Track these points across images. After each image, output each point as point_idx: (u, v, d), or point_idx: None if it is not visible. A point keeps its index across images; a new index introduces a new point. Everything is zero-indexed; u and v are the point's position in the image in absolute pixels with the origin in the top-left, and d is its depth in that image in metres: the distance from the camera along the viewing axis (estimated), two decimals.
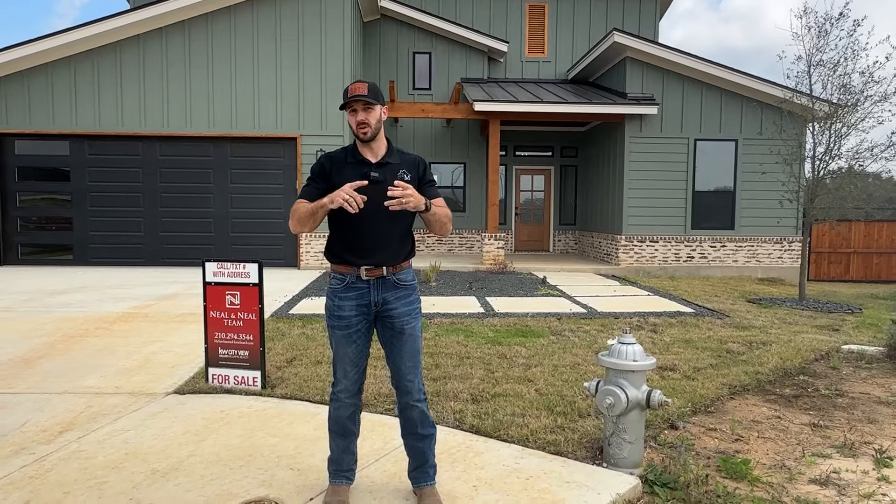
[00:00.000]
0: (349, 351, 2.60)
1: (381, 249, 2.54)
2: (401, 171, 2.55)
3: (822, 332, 6.65)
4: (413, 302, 2.63)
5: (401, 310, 2.58)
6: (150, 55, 11.32)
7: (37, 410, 3.84)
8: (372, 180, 2.48)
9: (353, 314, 2.57)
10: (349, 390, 2.65)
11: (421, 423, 2.65)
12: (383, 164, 2.55)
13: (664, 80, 12.37)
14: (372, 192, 2.44)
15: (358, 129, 2.51)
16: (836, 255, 14.60)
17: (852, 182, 9.20)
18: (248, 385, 4.27)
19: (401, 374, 2.62)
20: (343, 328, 2.58)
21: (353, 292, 2.57)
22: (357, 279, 2.56)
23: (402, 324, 2.58)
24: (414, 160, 2.64)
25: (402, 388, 2.63)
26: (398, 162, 2.59)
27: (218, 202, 11.68)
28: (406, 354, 2.60)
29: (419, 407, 2.64)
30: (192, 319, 6.58)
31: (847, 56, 8.76)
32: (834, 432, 3.71)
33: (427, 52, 14.80)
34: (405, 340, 2.59)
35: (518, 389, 4.28)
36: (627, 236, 12.41)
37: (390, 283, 2.57)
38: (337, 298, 2.60)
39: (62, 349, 5.32)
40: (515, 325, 6.61)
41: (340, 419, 2.67)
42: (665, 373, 4.82)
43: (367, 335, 2.63)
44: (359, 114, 2.50)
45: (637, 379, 3.07)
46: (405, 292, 2.60)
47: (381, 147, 2.58)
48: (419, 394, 2.64)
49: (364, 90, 2.48)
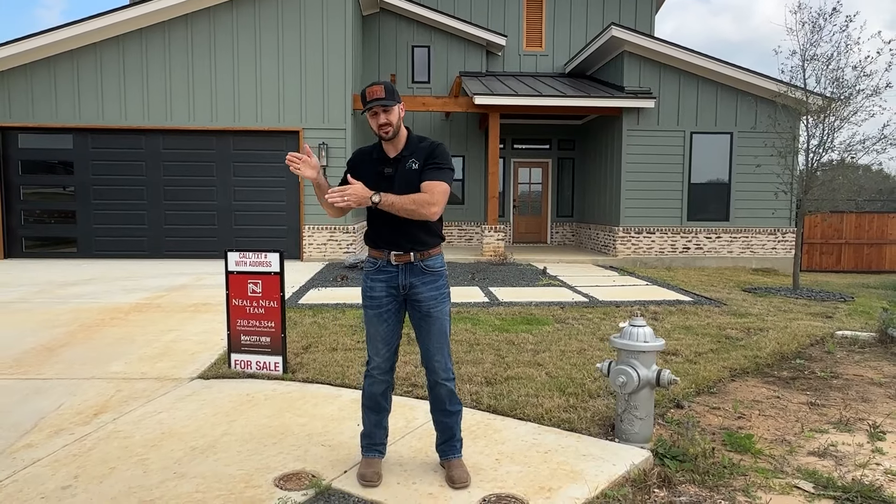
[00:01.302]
0: (381, 329, 2.79)
1: (403, 238, 2.72)
2: (410, 161, 2.71)
3: (817, 319, 6.88)
4: (440, 287, 2.80)
5: (426, 294, 2.75)
6: (153, 49, 11.39)
7: (69, 395, 3.99)
8: (385, 175, 2.70)
9: (384, 295, 2.76)
10: (381, 367, 2.83)
11: (449, 400, 2.84)
12: (398, 159, 2.73)
13: (661, 73, 12.56)
14: (387, 187, 2.65)
15: (380, 131, 2.68)
16: (828, 246, 14.89)
17: (843, 174, 9.44)
18: (270, 370, 4.43)
19: (429, 353, 2.80)
20: (374, 307, 2.78)
21: (383, 275, 2.77)
22: (387, 263, 2.75)
23: (428, 307, 2.75)
24: (426, 147, 2.76)
25: (430, 368, 2.81)
26: (409, 153, 2.74)
27: (221, 195, 11.79)
28: (433, 336, 2.78)
29: (447, 385, 2.82)
30: (204, 309, 6.73)
31: (840, 50, 8.98)
32: (830, 410, 3.93)
33: (426, 46, 14.91)
34: (432, 323, 2.77)
35: (529, 373, 4.47)
36: (625, 228, 12.62)
37: (418, 269, 2.75)
38: (369, 280, 2.80)
39: (83, 338, 5.47)
40: (520, 313, 6.80)
41: (374, 395, 2.85)
42: (668, 357, 5.02)
43: (397, 316, 2.81)
44: (380, 116, 2.66)
45: (647, 359, 3.26)
46: (432, 278, 2.77)
47: (401, 142, 2.75)
48: (446, 373, 2.82)
49: (382, 93, 2.63)
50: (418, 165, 2.70)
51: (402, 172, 2.70)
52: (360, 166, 2.78)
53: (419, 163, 2.71)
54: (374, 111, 2.65)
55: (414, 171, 2.69)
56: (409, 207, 2.58)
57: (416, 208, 2.59)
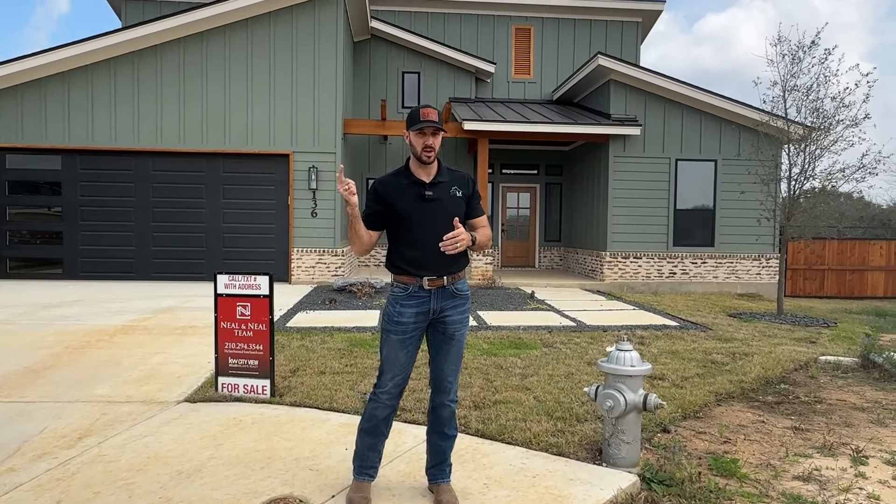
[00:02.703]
0: (401, 355, 2.77)
1: (439, 262, 2.73)
2: (453, 189, 2.78)
3: (801, 345, 6.96)
4: (466, 311, 2.85)
5: (455, 317, 2.79)
6: (145, 72, 11.46)
7: (53, 418, 3.95)
8: (427, 199, 2.73)
9: (412, 321, 2.75)
10: (391, 392, 2.81)
11: (449, 423, 2.87)
12: (436, 184, 2.77)
13: (646, 101, 12.82)
14: (428, 210, 2.72)
15: (423, 152, 2.71)
16: (812, 272, 15.09)
17: (825, 201, 9.64)
18: (257, 393, 4.41)
19: (443, 374, 2.82)
20: (400, 333, 2.75)
21: (415, 300, 2.75)
22: (420, 289, 2.75)
23: (453, 330, 2.79)
24: (463, 177, 2.86)
25: (442, 388, 2.83)
26: (448, 180, 2.80)
27: (210, 217, 11.78)
28: (451, 358, 2.82)
29: (451, 407, 2.85)
30: (191, 332, 6.69)
31: (819, 82, 9.24)
32: (814, 435, 3.97)
33: (416, 72, 15.13)
34: (453, 345, 2.81)
35: (517, 397, 4.49)
36: (612, 253, 12.75)
37: (449, 293, 2.78)
38: (399, 305, 2.77)
39: (68, 360, 5.41)
40: (508, 337, 6.83)
41: (375, 419, 2.83)
42: (655, 381, 5.06)
43: (418, 342, 2.82)
44: (428, 138, 2.70)
45: (634, 383, 3.30)
46: (461, 300, 2.82)
47: (434, 168, 2.80)
48: (454, 395, 2.86)
49: (436, 116, 2.70)
50: (462, 194, 2.80)
51: (446, 198, 2.75)
52: (393, 193, 2.76)
53: (462, 192, 2.80)
54: (423, 131, 2.69)
55: (458, 199, 2.77)
56: (484, 245, 2.81)
57: (487, 243, 2.84)
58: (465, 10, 15.78)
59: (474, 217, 2.87)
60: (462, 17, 15.81)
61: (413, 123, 2.70)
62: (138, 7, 14.63)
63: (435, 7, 15.69)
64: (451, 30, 15.76)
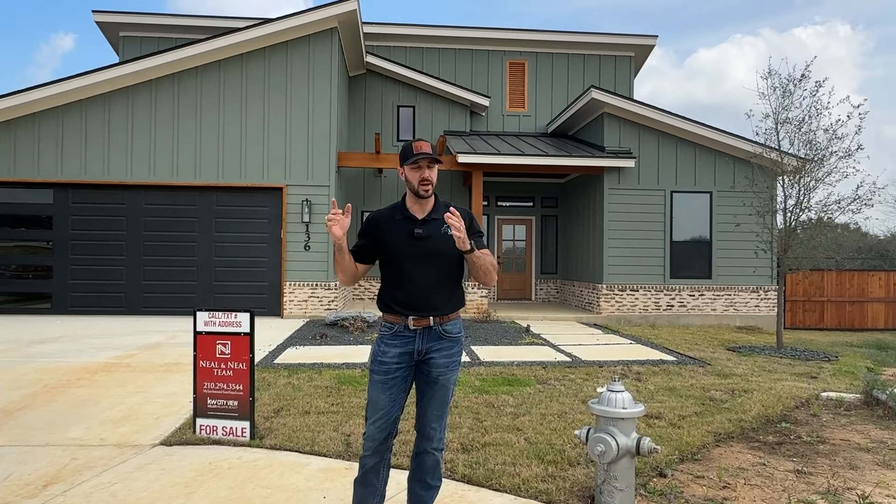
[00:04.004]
0: (383, 398, 2.62)
1: (427, 301, 2.61)
2: (444, 227, 2.59)
3: (801, 380, 6.79)
4: (454, 354, 2.69)
5: (440, 360, 2.64)
6: (139, 106, 11.50)
7: (20, 463, 3.76)
8: (416, 237, 2.62)
9: (395, 362, 2.62)
10: (374, 438, 2.64)
11: (432, 472, 2.70)
12: (428, 221, 2.65)
13: (640, 134, 12.85)
14: (417, 248, 2.60)
15: (420, 186, 2.61)
16: (811, 304, 14.94)
17: (822, 233, 9.56)
18: (236, 436, 4.23)
19: (426, 420, 2.67)
20: (381, 373, 2.63)
21: (399, 340, 2.63)
22: (405, 328, 2.63)
23: (437, 374, 2.64)
24: (461, 214, 2.67)
25: (425, 434, 2.68)
26: (442, 216, 2.64)
27: (202, 251, 11.67)
28: (435, 403, 2.66)
29: (435, 455, 2.69)
30: (176, 369, 6.51)
31: (811, 114, 9.24)
32: (818, 479, 3.79)
33: (411, 106, 15.22)
34: (437, 390, 2.65)
35: (507, 438, 4.31)
36: (608, 285, 12.61)
37: (436, 334, 2.64)
38: (383, 345, 2.66)
39: (44, 400, 5.23)
40: (502, 373, 6.65)
41: (364, 468, 2.67)
42: (651, 421, 4.88)
43: (403, 385, 2.66)
44: (424, 171, 2.60)
45: (627, 426, 3.13)
46: (449, 343, 2.66)
47: (430, 204, 2.69)
48: (439, 443, 2.70)
49: (430, 149, 2.59)
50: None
51: (436, 236, 2.62)
52: (384, 227, 2.68)
53: None
54: (419, 164, 2.59)
55: (450, 237, 2.56)
56: (488, 267, 2.60)
57: (491, 270, 2.62)
58: (460, 45, 15.97)
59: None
60: (457, 51, 16.00)
61: (407, 158, 2.60)
62: (136, 42, 14.79)
63: (430, 42, 15.88)
64: (446, 64, 15.92)
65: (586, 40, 16.13)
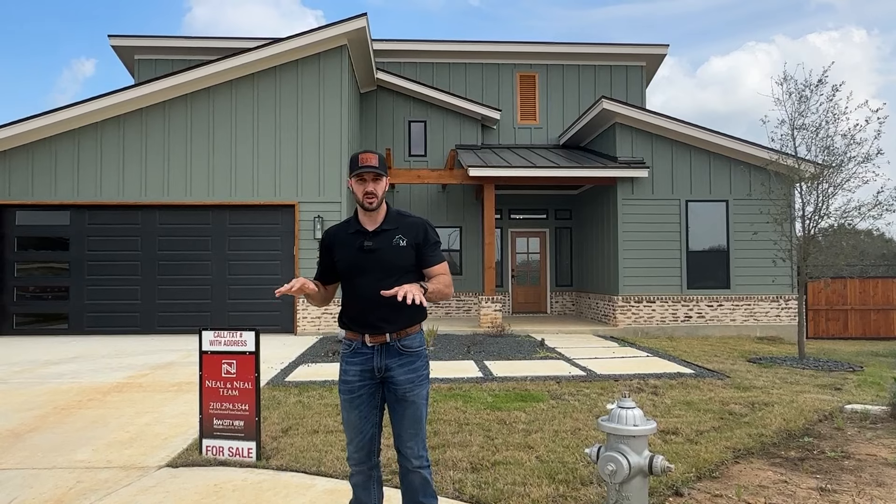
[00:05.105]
0: (352, 416, 2.61)
1: (379, 316, 2.56)
2: (397, 237, 2.60)
3: (825, 392, 6.58)
4: (417, 369, 2.62)
5: (402, 376, 2.58)
6: (153, 127, 11.65)
7: (25, 487, 3.73)
8: (366, 249, 2.57)
9: (357, 379, 2.59)
10: (354, 457, 2.63)
11: (423, 490, 2.61)
12: (379, 233, 2.61)
13: (653, 143, 12.72)
14: (367, 261, 2.54)
15: (364, 199, 2.58)
16: (834, 312, 14.59)
17: (844, 239, 9.32)
18: (242, 456, 4.17)
19: (401, 439, 2.62)
20: (347, 392, 2.61)
21: (359, 357, 2.60)
22: (362, 345, 2.60)
23: (403, 391, 2.58)
24: (413, 224, 2.66)
25: (402, 453, 2.62)
26: (394, 227, 2.62)
27: (216, 269, 11.73)
28: (406, 421, 2.59)
29: (420, 473, 2.61)
30: (187, 389, 6.49)
31: (828, 119, 9.06)
32: (842, 497, 3.63)
33: (422, 121, 15.25)
34: (406, 407, 2.59)
35: (518, 457, 4.20)
36: (624, 297, 12.43)
37: (394, 350, 2.59)
38: (345, 363, 2.65)
39: (54, 422, 5.22)
40: (514, 389, 6.53)
41: (354, 487, 2.67)
42: (667, 436, 4.74)
43: (370, 402, 2.62)
44: (368, 184, 2.57)
45: (638, 444, 3.01)
46: (409, 359, 2.60)
47: (380, 215, 2.65)
48: (419, 460, 2.61)
49: (375, 161, 2.56)
50: (406, 242, 2.59)
51: (386, 248, 2.58)
52: (336, 242, 2.67)
53: (407, 240, 2.60)
54: (362, 177, 2.57)
55: (402, 248, 2.57)
56: (446, 292, 2.59)
57: (447, 292, 2.60)
58: (470, 59, 16.00)
59: (428, 266, 2.64)
60: (467, 66, 16.03)
61: (353, 170, 2.59)
62: (150, 65, 15.03)
63: (440, 58, 15.94)
64: (457, 78, 15.96)
65: (596, 51, 16.09)
